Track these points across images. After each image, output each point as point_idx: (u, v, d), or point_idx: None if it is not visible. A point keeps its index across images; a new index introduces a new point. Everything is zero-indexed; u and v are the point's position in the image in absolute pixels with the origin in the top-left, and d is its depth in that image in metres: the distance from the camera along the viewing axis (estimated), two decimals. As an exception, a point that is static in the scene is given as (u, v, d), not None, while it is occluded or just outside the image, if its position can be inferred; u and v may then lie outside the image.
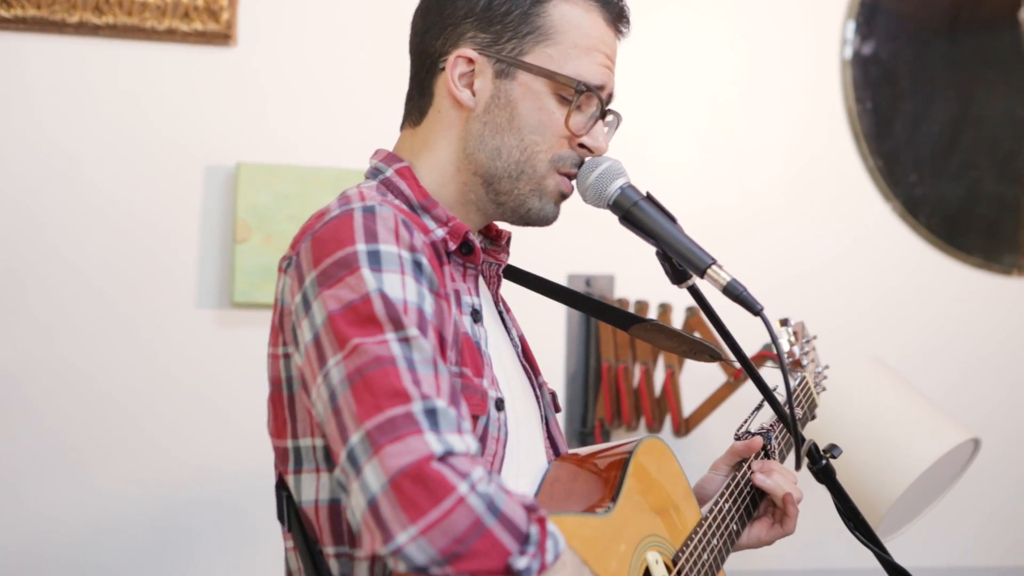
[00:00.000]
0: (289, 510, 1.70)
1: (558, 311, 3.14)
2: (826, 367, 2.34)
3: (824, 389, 2.33)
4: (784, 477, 1.98)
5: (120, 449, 2.81)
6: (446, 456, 1.45)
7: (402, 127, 1.85)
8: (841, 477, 2.01)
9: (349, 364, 1.51)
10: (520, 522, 1.46)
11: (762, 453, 2.03)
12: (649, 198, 1.79)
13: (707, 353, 2.10)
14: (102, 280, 2.82)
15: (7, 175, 2.77)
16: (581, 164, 1.81)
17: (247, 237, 2.85)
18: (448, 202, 1.79)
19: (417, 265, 1.60)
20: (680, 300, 3.07)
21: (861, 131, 3.37)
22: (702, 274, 1.75)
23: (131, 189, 2.83)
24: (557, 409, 1.96)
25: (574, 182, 1.81)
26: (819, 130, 3.39)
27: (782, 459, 2.07)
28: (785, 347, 2.23)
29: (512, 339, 1.90)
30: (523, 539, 1.45)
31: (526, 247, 2.97)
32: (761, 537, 2.01)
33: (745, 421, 2.07)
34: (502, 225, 1.89)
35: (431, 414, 1.47)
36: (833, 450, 1.94)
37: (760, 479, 1.98)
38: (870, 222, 3.39)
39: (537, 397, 1.90)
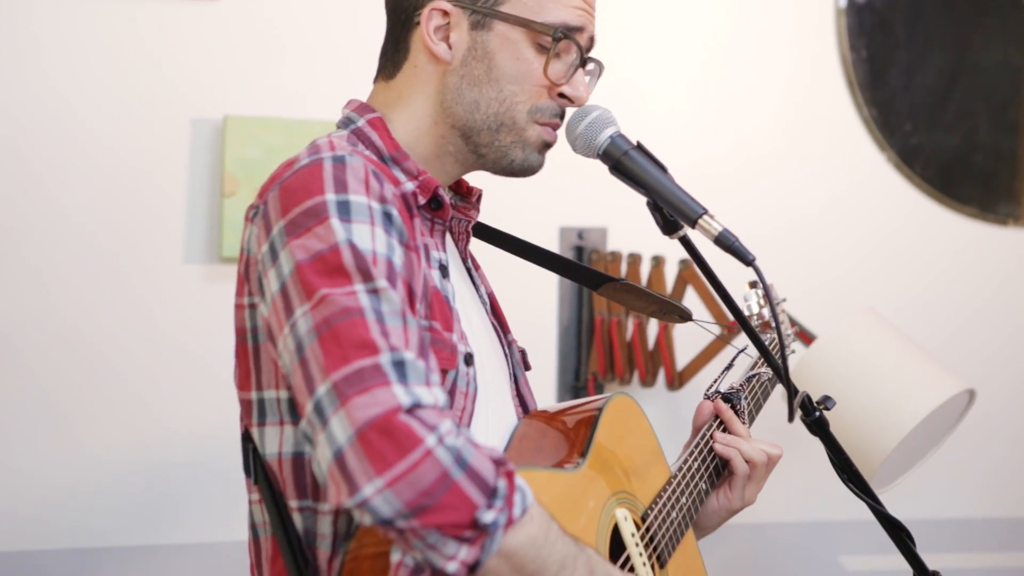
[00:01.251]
0: (255, 463, 1.68)
1: (550, 264, 3.12)
2: (794, 329, 2.36)
3: (793, 352, 2.33)
4: (750, 446, 1.98)
5: (107, 406, 2.79)
6: (414, 408, 1.44)
7: (375, 80, 1.83)
8: (835, 429, 2.00)
9: (316, 315, 1.50)
10: (488, 475, 1.45)
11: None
12: (639, 147, 1.77)
13: (677, 313, 2.09)
14: (88, 236, 2.79)
15: (-10, 130, 2.75)
16: (562, 115, 1.79)
17: (235, 191, 2.82)
18: (424, 155, 1.77)
19: (387, 216, 1.59)
20: (673, 252, 3.05)
21: (856, 80, 3.34)
22: (693, 224, 1.72)
23: (117, 144, 2.80)
24: (527, 367, 1.94)
25: (559, 131, 1.79)
26: (813, 79, 3.36)
27: (751, 420, 2.06)
28: (755, 308, 2.22)
29: (481, 296, 1.89)
30: (491, 492, 1.45)
31: (518, 200, 2.96)
32: (731, 505, 2.00)
33: (715, 380, 2.07)
34: (473, 181, 1.87)
35: (399, 366, 1.46)
36: (827, 402, 1.93)
37: (719, 448, 1.98)
38: (864, 172, 3.37)
39: (506, 355, 1.89)
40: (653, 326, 3.07)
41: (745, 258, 1.71)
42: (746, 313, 2.20)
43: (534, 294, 3.10)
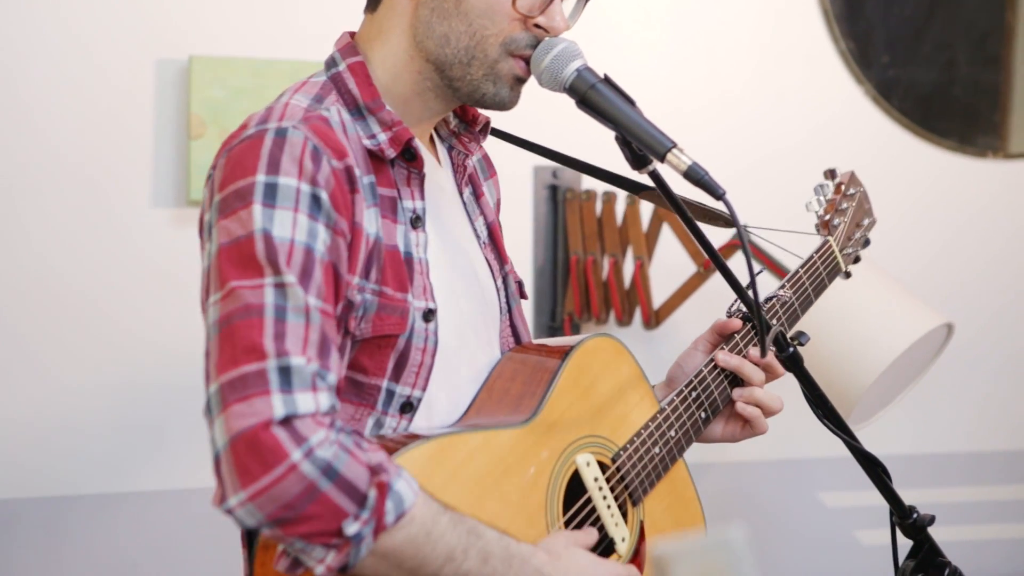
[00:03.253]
0: None
1: (524, 205, 3.09)
2: (872, 222, 2.27)
3: (862, 249, 2.23)
4: (769, 399, 1.95)
5: (78, 349, 2.77)
6: (288, 419, 1.49)
7: (364, 10, 1.80)
8: (813, 366, 1.98)
9: (223, 308, 1.55)
10: (360, 484, 1.50)
11: (745, 334, 1.97)
12: (606, 80, 1.73)
13: (721, 220, 2.04)
14: (54, 180, 2.75)
15: (-50, 73, 2.70)
16: (537, 45, 1.74)
17: (201, 133, 2.78)
18: (404, 93, 1.75)
19: (315, 200, 1.59)
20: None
21: (832, 12, 3.30)
22: (662, 158, 1.69)
23: (80, 87, 2.76)
24: (523, 296, 1.94)
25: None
26: (789, 12, 3.32)
27: (773, 339, 2.00)
28: (822, 204, 2.17)
29: (476, 230, 1.87)
30: (360, 501, 1.50)
31: (490, 139, 2.93)
32: (736, 433, 1.98)
33: (736, 300, 2.00)
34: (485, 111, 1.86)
35: (284, 372, 1.51)
36: (800, 337, 1.91)
37: (741, 408, 1.94)
38: (841, 106, 3.34)
39: (497, 289, 1.87)
40: (629, 266, 3.05)
41: (715, 192, 1.68)
42: (816, 208, 2.16)
43: (508, 235, 3.05)
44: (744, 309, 1.98)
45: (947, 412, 3.43)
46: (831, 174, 2.20)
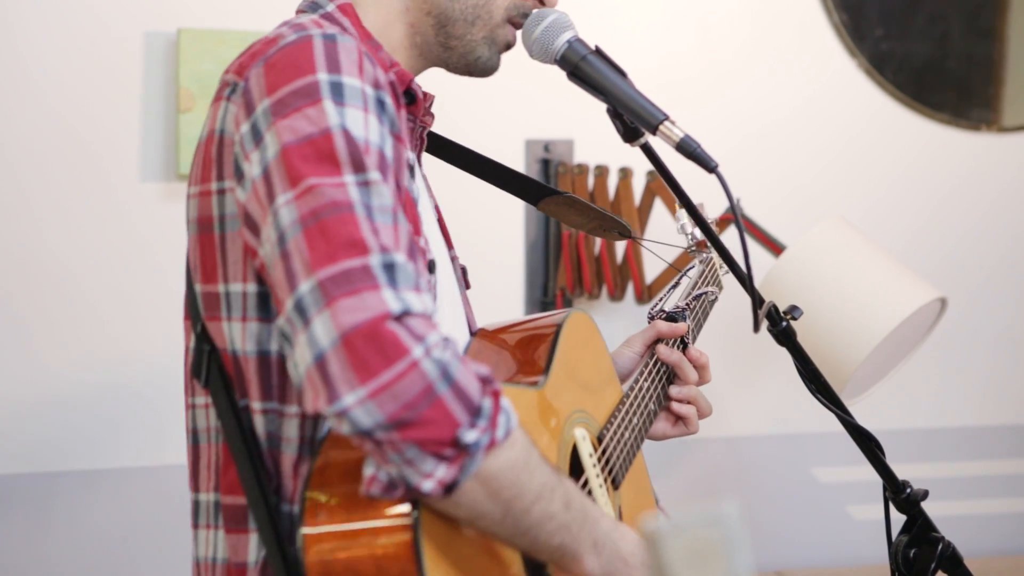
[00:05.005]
0: (210, 364, 1.60)
1: (517, 178, 3.07)
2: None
3: (727, 271, 2.27)
4: (704, 401, 1.96)
5: (67, 324, 2.76)
6: (403, 316, 1.37)
7: None
8: (807, 340, 1.97)
9: (303, 205, 1.42)
10: (473, 393, 1.39)
11: (681, 341, 1.99)
12: (598, 52, 1.72)
13: (616, 230, 2.05)
14: (41, 155, 2.74)
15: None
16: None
17: (191, 107, 2.76)
18: (392, 44, 1.70)
19: (380, 103, 1.51)
20: (641, 164, 3.00)
21: (825, -16, 3.28)
22: (654, 131, 1.68)
23: (67, 59, 2.74)
24: (467, 285, 1.88)
25: (519, 32, 1.73)
26: (782, -16, 3.29)
27: (694, 339, 2.02)
28: (689, 229, 2.14)
29: (435, 204, 1.83)
30: (475, 411, 1.39)
31: (483, 111, 2.91)
32: (667, 431, 1.98)
33: (659, 299, 2.02)
34: (426, 86, 1.81)
35: (390, 268, 1.39)
36: (793, 311, 1.90)
37: (676, 407, 1.95)
38: (834, 79, 3.32)
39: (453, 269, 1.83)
40: (621, 241, 3.03)
41: (708, 165, 1.66)
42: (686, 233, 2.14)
43: (500, 209, 3.06)
44: (666, 309, 1.99)
45: (940, 386, 3.42)
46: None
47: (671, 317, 1.99)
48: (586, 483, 1.72)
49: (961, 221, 3.43)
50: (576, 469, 1.72)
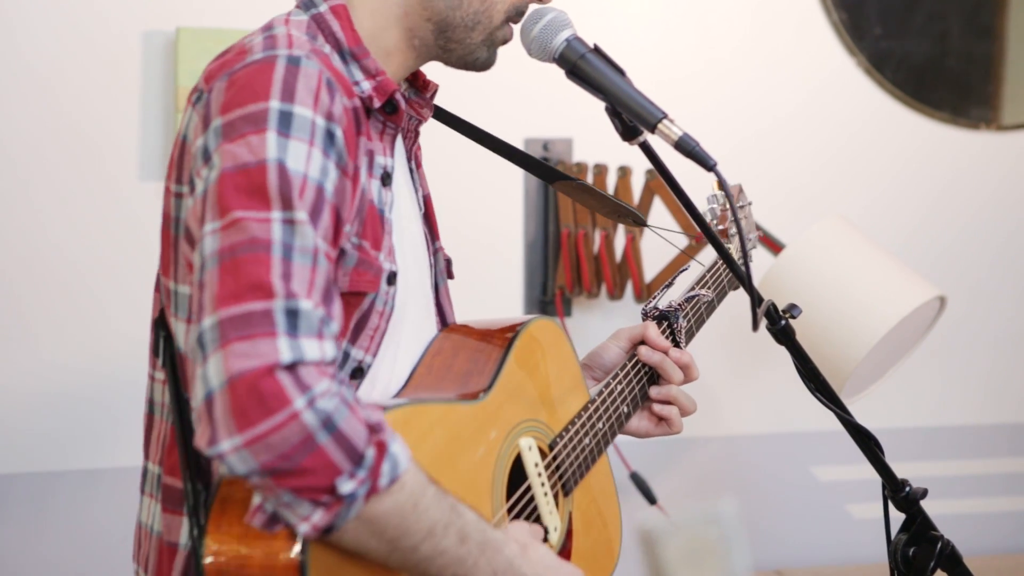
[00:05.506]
0: (167, 349, 1.63)
1: (515, 178, 3.07)
2: (758, 234, 2.28)
3: (752, 260, 2.27)
4: (687, 399, 1.97)
5: (66, 324, 2.76)
6: (294, 365, 1.39)
7: None
8: (806, 339, 1.97)
9: (224, 238, 1.44)
10: (358, 442, 1.41)
11: (664, 330, 1.99)
12: (596, 50, 1.72)
13: (630, 217, 2.05)
14: (41, 154, 2.73)
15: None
16: None
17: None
18: (387, 47, 1.70)
19: (330, 136, 1.52)
20: (639, 163, 3.00)
21: (824, -17, 3.28)
22: (653, 129, 1.68)
23: (66, 59, 2.73)
24: (450, 276, 1.89)
25: (517, 27, 1.74)
26: (781, -17, 3.29)
27: (688, 338, 2.03)
28: (718, 212, 2.15)
29: (418, 200, 1.82)
30: (357, 460, 1.41)
31: (482, 110, 2.89)
32: (650, 430, 1.98)
33: (654, 297, 2.02)
34: (431, 75, 1.81)
35: (292, 315, 1.41)
36: (792, 310, 1.90)
37: (659, 409, 1.96)
38: (834, 78, 3.31)
39: (431, 264, 1.83)
40: (620, 239, 3.03)
41: (706, 163, 1.66)
42: (708, 218, 2.14)
43: (499, 208, 3.06)
44: (660, 308, 1.99)
45: (939, 385, 3.42)
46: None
47: (664, 315, 1.99)
48: (527, 491, 1.72)
49: (960, 219, 3.43)
50: (522, 478, 1.73)
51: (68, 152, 2.75)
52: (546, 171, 2.05)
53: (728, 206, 1.68)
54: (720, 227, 2.15)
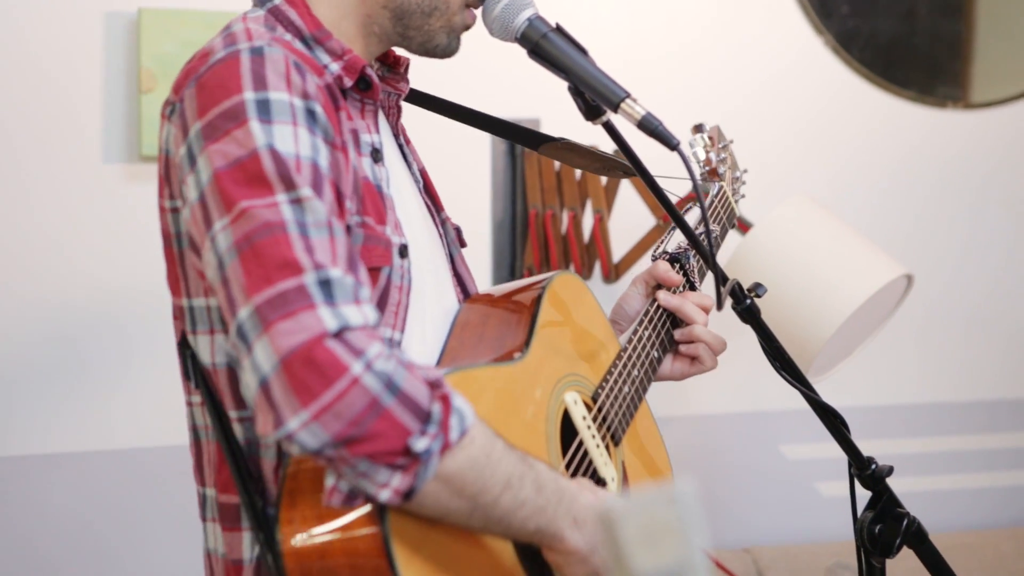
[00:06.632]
0: (195, 368, 1.63)
1: (482, 158, 3.06)
2: (744, 171, 2.28)
3: (743, 196, 2.27)
4: (712, 336, 1.96)
5: (28, 306, 2.74)
6: (341, 332, 1.38)
7: None
8: (773, 318, 1.97)
9: (236, 230, 1.43)
10: (422, 400, 1.40)
11: (682, 287, 2.00)
12: (559, 29, 1.71)
13: (620, 169, 2.06)
14: (3, 136, 2.71)
15: None
16: None
17: (152, 87, 2.74)
18: (347, 34, 1.69)
19: (310, 113, 1.51)
20: (607, 144, 3.00)
21: (791, -39, 3.27)
22: (615, 108, 1.67)
23: (26, 41, 2.71)
24: (462, 244, 1.89)
25: (478, 11, 1.73)
26: (749, -38, 3.28)
27: (701, 276, 2.03)
28: (701, 155, 2.17)
29: (414, 174, 1.82)
30: (424, 418, 1.40)
31: (448, 90, 2.88)
32: (685, 370, 1.99)
33: (661, 241, 2.03)
34: (399, 51, 1.80)
35: (325, 285, 1.40)
36: (758, 289, 1.89)
37: (685, 349, 1.96)
38: (801, 57, 3.31)
39: (441, 235, 1.83)
40: (588, 219, 3.03)
41: (669, 142, 1.66)
42: (694, 161, 2.15)
43: (466, 189, 3.05)
44: (669, 251, 2.00)
45: (907, 363, 3.43)
46: (698, 128, 2.18)
47: (675, 258, 2.00)
48: (580, 446, 1.72)
49: (928, 198, 3.43)
50: (571, 433, 1.72)
51: (30, 134, 2.72)
52: (530, 136, 2.04)
53: (694, 188, 1.66)
54: (706, 168, 2.15)
